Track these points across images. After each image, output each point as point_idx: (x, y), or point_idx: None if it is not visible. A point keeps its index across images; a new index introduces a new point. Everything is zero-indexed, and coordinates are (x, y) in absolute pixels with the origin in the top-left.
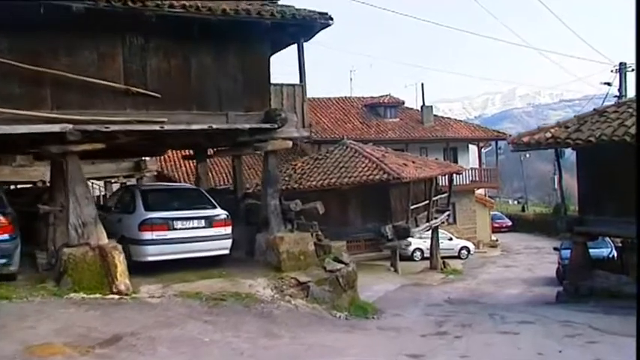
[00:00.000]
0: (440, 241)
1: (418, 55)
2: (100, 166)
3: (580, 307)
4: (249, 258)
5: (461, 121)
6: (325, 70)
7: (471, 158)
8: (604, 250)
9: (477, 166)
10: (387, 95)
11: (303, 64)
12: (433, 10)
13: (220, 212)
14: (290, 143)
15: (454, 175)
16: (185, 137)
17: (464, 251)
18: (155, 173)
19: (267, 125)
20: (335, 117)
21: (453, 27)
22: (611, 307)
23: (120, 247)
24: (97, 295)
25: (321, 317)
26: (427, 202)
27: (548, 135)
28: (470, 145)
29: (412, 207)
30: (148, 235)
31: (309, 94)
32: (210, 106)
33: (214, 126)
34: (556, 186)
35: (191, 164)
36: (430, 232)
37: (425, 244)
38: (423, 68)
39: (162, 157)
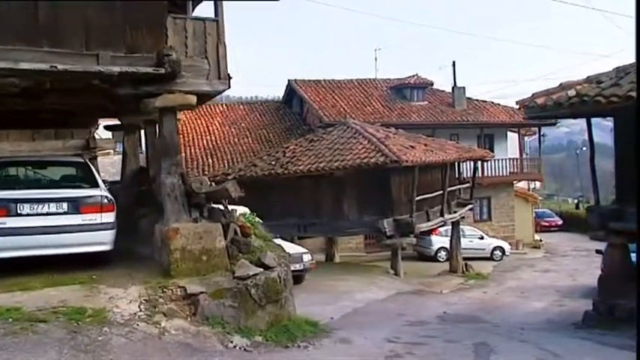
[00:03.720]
0: (469, 239)
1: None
2: (44, 143)
3: (612, 339)
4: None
5: (498, 104)
6: (351, 50)
7: (510, 147)
8: None
9: (517, 156)
10: (414, 75)
11: None
12: None
13: (94, 193)
14: (193, 99)
15: (482, 163)
16: (70, 95)
17: (497, 252)
18: (111, 153)
19: (149, 69)
20: (355, 100)
21: None
22: None
23: None
24: None
25: (195, 349)
26: (441, 192)
27: (572, 93)
28: (509, 133)
29: (418, 198)
30: None
31: (332, 75)
32: (70, 42)
33: (60, 66)
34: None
35: (191, 150)
36: (450, 228)
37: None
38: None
39: None
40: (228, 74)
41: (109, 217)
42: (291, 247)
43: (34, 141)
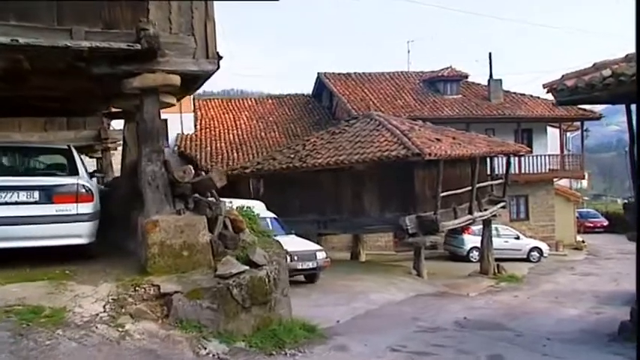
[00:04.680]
0: (504, 239)
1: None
2: (56, 133)
3: None
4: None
5: (537, 97)
6: (383, 44)
7: (550, 143)
8: None
9: (558, 152)
10: (447, 68)
11: None
12: None
13: (69, 181)
14: (177, 79)
15: (519, 159)
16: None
17: (535, 253)
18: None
19: (123, 45)
20: (385, 93)
21: None
22: None
23: None
24: None
25: (158, 356)
26: (470, 189)
27: (607, 73)
28: (550, 129)
29: (444, 194)
30: None
31: (365, 69)
32: (40, 16)
33: (21, 40)
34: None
35: (216, 144)
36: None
37: None
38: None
39: (186, 137)
40: (218, 53)
41: (87, 207)
42: (304, 244)
43: (46, 132)
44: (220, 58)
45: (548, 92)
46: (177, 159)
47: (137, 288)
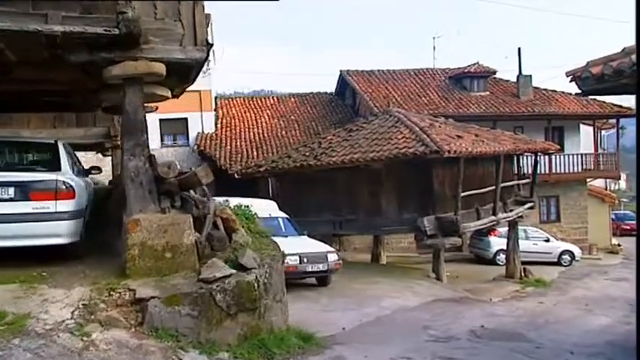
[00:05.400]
0: (533, 242)
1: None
2: (65, 131)
3: None
4: None
5: (570, 93)
6: (409, 40)
7: (583, 141)
8: None
9: (592, 151)
10: (474, 64)
11: None
12: None
13: (47, 177)
14: (161, 68)
15: (550, 158)
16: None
17: (566, 256)
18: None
19: (99, 29)
20: (409, 90)
21: None
22: None
23: None
24: None
25: None
26: (494, 188)
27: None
28: (583, 126)
29: (465, 194)
30: None
31: (387, 65)
32: (15, 0)
33: None
34: None
35: (236, 143)
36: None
37: None
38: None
39: (205, 136)
40: (207, 40)
41: (67, 205)
42: (315, 246)
43: (55, 128)
44: (211, 45)
45: (571, 81)
46: (197, 158)
47: (112, 292)
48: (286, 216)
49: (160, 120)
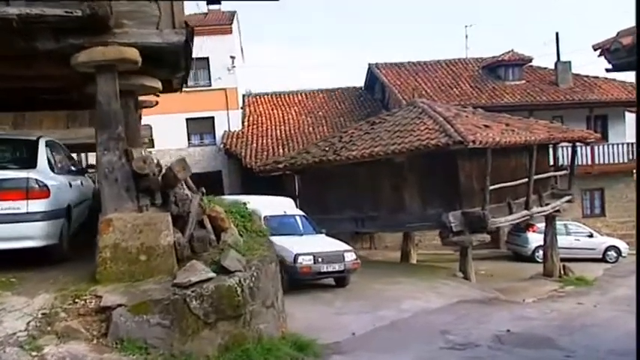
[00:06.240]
0: (574, 237)
1: None
2: (78, 130)
3: None
4: None
5: (613, 79)
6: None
7: (628, 130)
8: None
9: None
10: (509, 52)
11: None
12: None
13: (17, 175)
14: (134, 53)
15: (592, 148)
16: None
17: (612, 252)
18: (146, 141)
19: (59, 11)
20: (440, 82)
21: None
22: None
23: None
24: None
25: None
26: (527, 181)
27: None
28: (628, 114)
29: (493, 187)
30: None
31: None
32: None
33: None
34: None
35: (262, 141)
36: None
37: None
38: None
39: (232, 134)
40: (186, 23)
41: (40, 205)
42: (331, 244)
43: (68, 129)
44: (191, 28)
45: (600, 55)
46: (223, 157)
47: (77, 300)
48: (303, 214)
49: (187, 119)
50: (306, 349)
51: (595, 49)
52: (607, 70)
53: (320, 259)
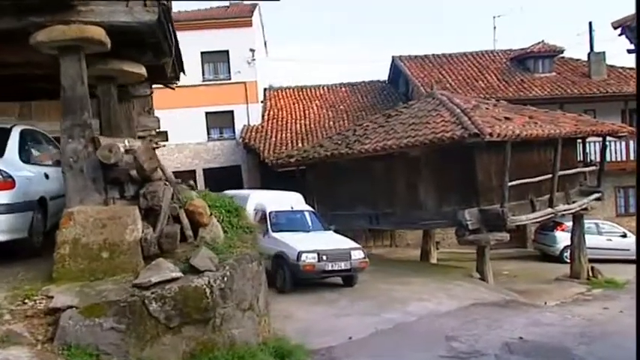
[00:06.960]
0: (607, 237)
1: None
2: None
3: None
4: None
5: None
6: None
7: None
8: None
9: None
10: (539, 43)
11: None
12: None
13: None
14: (99, 32)
15: (624, 143)
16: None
17: None
18: (153, 133)
19: None
20: (465, 74)
21: None
22: None
23: None
24: None
25: None
26: (551, 177)
27: None
28: None
29: (514, 183)
30: None
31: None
32: None
33: None
34: None
35: (282, 135)
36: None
37: None
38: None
39: (251, 128)
40: (164, 3)
41: (3, 197)
42: (338, 242)
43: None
44: (165, 6)
45: (620, 34)
46: (242, 151)
47: (27, 300)
48: (311, 209)
49: (206, 113)
50: (289, 356)
51: (615, 28)
52: (629, 52)
53: (325, 257)
